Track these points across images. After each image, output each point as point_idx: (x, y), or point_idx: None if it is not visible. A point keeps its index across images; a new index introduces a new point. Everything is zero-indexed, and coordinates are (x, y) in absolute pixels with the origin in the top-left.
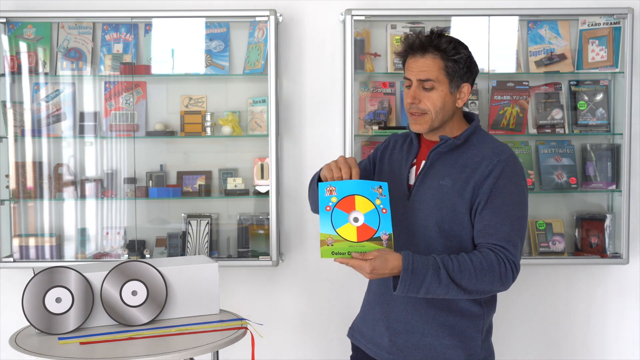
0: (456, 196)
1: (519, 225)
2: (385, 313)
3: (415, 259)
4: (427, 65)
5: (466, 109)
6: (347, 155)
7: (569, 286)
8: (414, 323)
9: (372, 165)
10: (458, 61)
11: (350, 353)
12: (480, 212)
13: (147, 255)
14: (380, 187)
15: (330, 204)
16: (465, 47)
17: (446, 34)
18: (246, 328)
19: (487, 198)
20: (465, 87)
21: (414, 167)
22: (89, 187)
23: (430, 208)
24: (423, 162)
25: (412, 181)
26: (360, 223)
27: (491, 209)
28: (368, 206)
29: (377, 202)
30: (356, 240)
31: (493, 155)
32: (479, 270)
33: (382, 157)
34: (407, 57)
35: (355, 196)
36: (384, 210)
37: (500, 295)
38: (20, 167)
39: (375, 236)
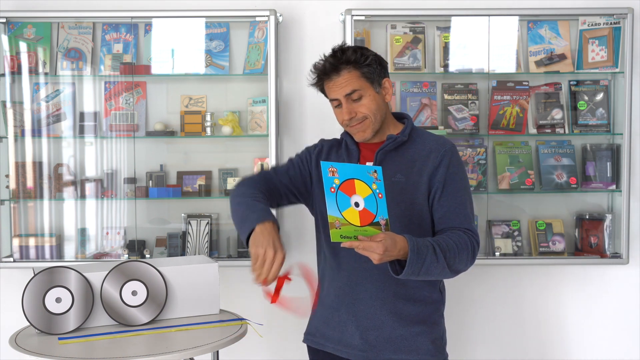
0: (413, 189)
1: (471, 207)
2: (353, 313)
3: (417, 240)
4: (346, 80)
5: (465, 109)
6: None
7: (569, 286)
8: (383, 318)
9: (299, 168)
10: (370, 64)
11: (307, 359)
12: (438, 200)
13: (147, 255)
14: (375, 171)
15: (334, 185)
16: (368, 49)
17: (346, 46)
18: (246, 328)
19: (442, 186)
20: (386, 82)
21: None
22: (89, 187)
23: (388, 205)
24: (368, 163)
25: None
26: (361, 207)
27: (448, 196)
28: (366, 191)
29: (374, 186)
30: (359, 225)
31: (439, 147)
32: (460, 249)
33: (318, 161)
34: (323, 83)
35: (355, 180)
36: (380, 195)
37: (501, 296)
38: (20, 167)
39: (374, 221)
